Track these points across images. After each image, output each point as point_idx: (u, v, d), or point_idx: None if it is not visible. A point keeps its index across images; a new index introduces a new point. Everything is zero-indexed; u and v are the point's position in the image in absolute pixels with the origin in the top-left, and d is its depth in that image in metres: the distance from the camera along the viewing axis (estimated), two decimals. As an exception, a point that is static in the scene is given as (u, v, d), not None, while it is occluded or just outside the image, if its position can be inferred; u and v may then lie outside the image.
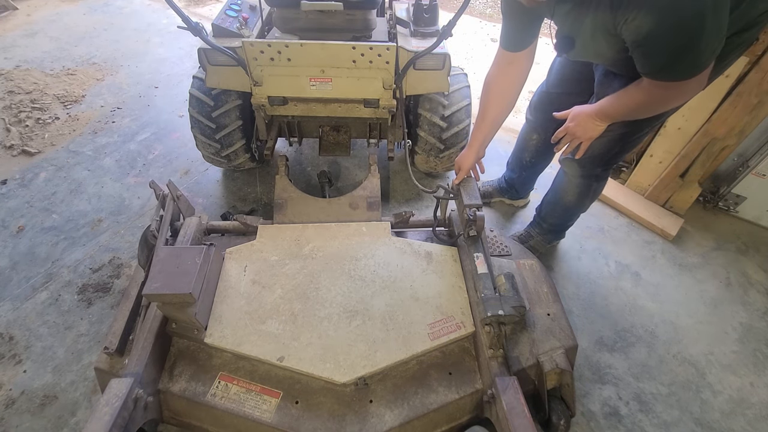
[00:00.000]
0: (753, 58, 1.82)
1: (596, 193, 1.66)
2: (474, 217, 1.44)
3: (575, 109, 1.35)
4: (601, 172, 1.55)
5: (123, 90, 2.91)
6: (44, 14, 3.72)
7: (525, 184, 2.09)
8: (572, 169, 1.56)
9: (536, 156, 1.89)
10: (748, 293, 1.90)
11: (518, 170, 2.00)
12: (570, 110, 1.37)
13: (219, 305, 1.37)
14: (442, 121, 1.87)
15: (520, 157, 1.94)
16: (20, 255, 1.88)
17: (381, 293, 1.43)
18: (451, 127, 1.90)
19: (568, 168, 1.58)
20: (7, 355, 1.56)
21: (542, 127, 1.78)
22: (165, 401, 1.25)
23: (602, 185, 1.63)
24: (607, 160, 1.49)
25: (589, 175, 1.55)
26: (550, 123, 1.71)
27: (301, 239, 1.59)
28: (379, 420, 1.19)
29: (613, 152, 1.45)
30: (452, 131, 1.90)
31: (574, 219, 1.84)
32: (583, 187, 1.61)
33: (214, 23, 1.70)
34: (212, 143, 1.92)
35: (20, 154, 2.37)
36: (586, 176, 1.56)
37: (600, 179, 1.59)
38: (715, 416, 1.51)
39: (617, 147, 1.43)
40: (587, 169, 1.53)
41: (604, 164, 1.51)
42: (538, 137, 1.81)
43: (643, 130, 1.38)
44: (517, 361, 1.30)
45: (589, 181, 1.58)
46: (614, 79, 1.27)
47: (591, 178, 1.56)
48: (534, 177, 2.06)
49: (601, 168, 1.53)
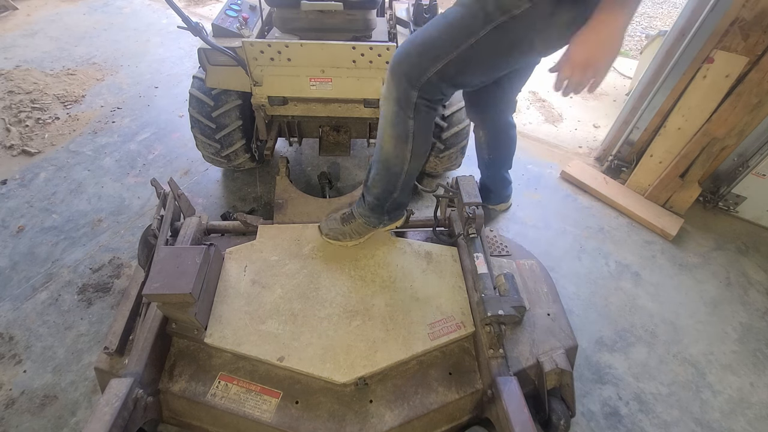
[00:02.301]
0: (753, 58, 1.82)
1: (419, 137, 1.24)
2: (473, 215, 1.44)
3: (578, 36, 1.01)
4: (417, 96, 1.15)
5: (123, 90, 2.91)
6: (44, 14, 3.72)
7: (497, 183, 2.02)
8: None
9: (491, 151, 1.85)
10: (748, 293, 1.90)
11: (484, 170, 1.98)
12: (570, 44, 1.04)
13: (219, 305, 1.37)
14: (442, 121, 1.87)
15: (480, 156, 1.93)
16: (20, 255, 1.88)
17: (381, 293, 1.43)
18: (451, 127, 1.89)
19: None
20: (7, 355, 1.56)
21: (482, 123, 1.77)
22: (165, 401, 1.25)
23: (425, 117, 1.20)
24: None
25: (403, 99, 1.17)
26: (484, 116, 1.72)
27: (301, 239, 1.59)
28: (379, 420, 1.19)
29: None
30: (452, 131, 1.90)
31: (398, 188, 1.39)
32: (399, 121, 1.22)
33: (214, 23, 1.70)
34: (212, 143, 1.92)
35: (20, 154, 2.37)
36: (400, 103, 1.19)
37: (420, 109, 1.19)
38: (715, 416, 1.51)
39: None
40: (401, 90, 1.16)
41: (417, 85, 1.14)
42: (484, 134, 1.80)
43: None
44: (517, 361, 1.30)
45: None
46: None
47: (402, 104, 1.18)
48: (500, 174, 1.99)
49: (416, 91, 1.14)
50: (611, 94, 3.15)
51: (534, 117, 2.86)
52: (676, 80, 1.99)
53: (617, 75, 3.38)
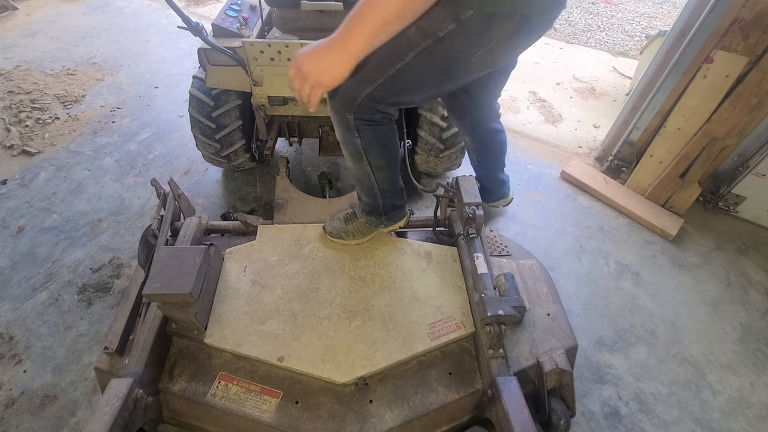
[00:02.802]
0: (753, 58, 1.82)
1: (372, 150, 1.26)
2: (473, 215, 1.44)
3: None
4: (353, 119, 1.17)
5: (123, 90, 2.91)
6: (44, 14, 3.72)
7: (492, 183, 2.01)
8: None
9: (479, 155, 1.86)
10: (748, 293, 1.90)
11: (477, 169, 1.97)
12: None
13: (219, 305, 1.37)
14: (442, 121, 1.87)
15: (471, 158, 1.93)
16: (20, 255, 1.88)
17: (381, 293, 1.43)
18: (451, 126, 1.89)
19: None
20: (7, 355, 1.56)
21: (464, 130, 1.77)
22: (165, 401, 1.25)
23: (370, 134, 1.22)
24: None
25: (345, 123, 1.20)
26: (463, 124, 1.72)
27: (301, 239, 1.59)
28: (379, 420, 1.19)
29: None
30: (452, 131, 1.90)
31: (377, 187, 1.41)
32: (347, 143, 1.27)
33: (214, 23, 1.70)
34: (212, 143, 1.92)
35: (20, 154, 2.37)
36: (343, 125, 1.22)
37: (359, 128, 1.20)
38: (715, 416, 1.51)
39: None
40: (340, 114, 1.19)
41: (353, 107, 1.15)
42: (469, 139, 1.80)
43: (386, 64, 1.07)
44: (517, 361, 1.30)
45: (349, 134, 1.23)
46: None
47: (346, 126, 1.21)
48: (494, 175, 1.99)
49: (352, 114, 1.16)
50: (611, 94, 3.15)
51: (534, 117, 2.86)
52: (676, 80, 1.99)
53: (617, 75, 3.38)
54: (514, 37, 1.03)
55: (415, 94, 1.17)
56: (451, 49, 1.03)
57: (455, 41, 1.00)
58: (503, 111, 2.88)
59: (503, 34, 1.00)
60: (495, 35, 1.00)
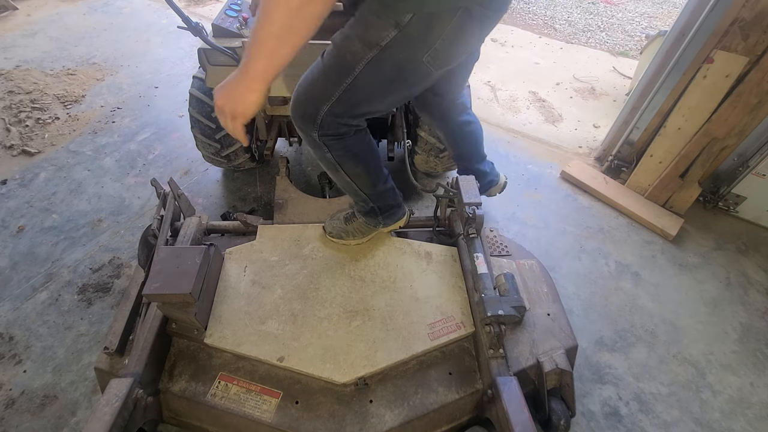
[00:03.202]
0: (753, 58, 1.82)
1: (345, 159, 1.26)
2: (473, 215, 1.44)
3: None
4: (318, 136, 1.18)
5: (123, 90, 2.91)
6: (44, 14, 3.72)
7: (474, 174, 1.90)
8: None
9: (453, 148, 1.84)
10: (748, 293, 1.90)
11: (457, 163, 1.94)
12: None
13: (219, 305, 1.37)
14: (442, 121, 1.87)
15: (449, 153, 1.93)
16: (20, 255, 1.88)
17: (381, 293, 1.43)
18: (451, 127, 1.89)
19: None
20: (7, 355, 1.56)
21: (432, 124, 1.77)
22: (165, 401, 1.25)
23: (339, 146, 1.21)
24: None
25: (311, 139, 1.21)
26: (430, 119, 1.71)
27: (301, 239, 1.59)
28: (379, 420, 1.19)
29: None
30: (452, 131, 1.90)
31: (365, 189, 1.41)
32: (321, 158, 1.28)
33: (214, 23, 1.70)
34: (212, 143, 1.92)
35: (20, 154, 2.37)
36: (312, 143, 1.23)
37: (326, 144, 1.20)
38: (715, 416, 1.51)
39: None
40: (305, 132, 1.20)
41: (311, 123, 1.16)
42: (440, 133, 1.79)
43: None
44: (517, 361, 1.30)
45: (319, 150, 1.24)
46: None
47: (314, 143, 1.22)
48: (473, 167, 1.93)
49: (315, 131, 1.16)
50: (611, 94, 3.15)
51: (534, 117, 2.86)
52: (676, 80, 1.99)
53: (617, 75, 3.38)
54: (463, 31, 1.01)
55: (375, 104, 1.16)
56: (399, 56, 1.02)
57: (400, 47, 1.00)
58: (503, 111, 2.89)
59: (449, 30, 0.99)
60: (440, 34, 0.99)
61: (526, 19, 4.15)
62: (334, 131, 1.17)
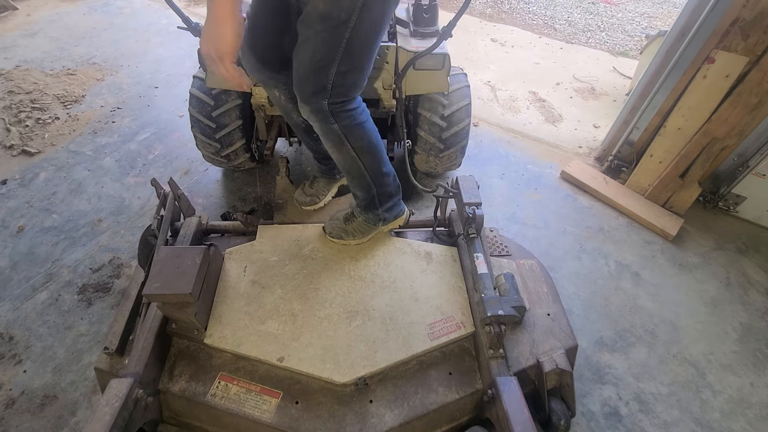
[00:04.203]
0: (753, 58, 1.82)
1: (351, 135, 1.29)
2: (473, 215, 1.44)
3: None
4: (328, 104, 1.21)
5: (123, 90, 2.91)
6: (44, 14, 3.72)
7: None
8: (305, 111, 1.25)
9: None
10: (748, 293, 1.90)
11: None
12: None
13: (219, 305, 1.37)
14: (441, 121, 1.87)
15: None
16: (20, 255, 1.88)
17: (381, 293, 1.43)
18: (451, 126, 1.89)
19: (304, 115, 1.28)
20: (7, 355, 1.56)
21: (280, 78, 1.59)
22: (165, 401, 1.25)
23: (345, 116, 1.25)
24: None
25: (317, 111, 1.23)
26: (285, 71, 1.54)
27: (301, 239, 1.59)
28: (379, 420, 1.19)
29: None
30: (452, 131, 1.90)
31: (368, 177, 1.42)
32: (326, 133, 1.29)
33: (214, 23, 1.70)
34: (212, 143, 1.92)
35: (20, 154, 2.37)
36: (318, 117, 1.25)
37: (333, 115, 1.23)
38: (715, 416, 1.51)
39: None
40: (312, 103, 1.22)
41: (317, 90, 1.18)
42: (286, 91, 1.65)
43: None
44: (517, 361, 1.30)
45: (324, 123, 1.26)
46: None
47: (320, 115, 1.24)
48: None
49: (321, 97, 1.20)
50: (611, 94, 3.15)
51: (534, 117, 2.86)
52: (676, 80, 1.99)
53: (617, 75, 3.38)
54: None
55: (373, 47, 1.22)
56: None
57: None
58: (503, 111, 2.89)
59: None
60: None
61: (526, 19, 4.15)
62: (342, 99, 1.23)
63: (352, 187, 1.49)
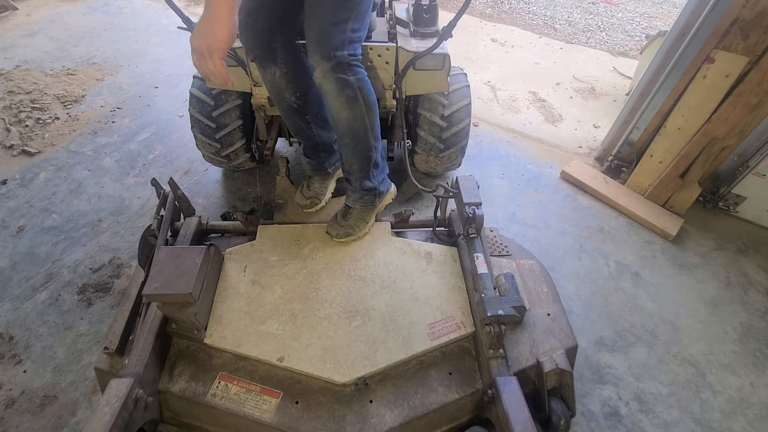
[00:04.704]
0: (753, 58, 1.82)
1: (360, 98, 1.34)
2: (473, 215, 1.44)
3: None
4: (347, 56, 1.27)
5: (123, 90, 2.91)
6: (44, 14, 3.72)
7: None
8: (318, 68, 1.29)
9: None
10: (748, 293, 1.90)
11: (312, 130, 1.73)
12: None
13: (219, 305, 1.37)
14: (441, 121, 1.87)
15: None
16: (20, 255, 1.88)
17: (381, 293, 1.43)
18: (451, 126, 1.89)
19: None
20: (7, 355, 1.56)
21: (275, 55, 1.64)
22: (165, 401, 1.25)
23: (358, 70, 1.33)
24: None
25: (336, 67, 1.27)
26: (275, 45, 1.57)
27: (301, 239, 1.59)
28: (379, 420, 1.19)
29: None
30: (452, 131, 1.90)
31: (371, 154, 1.47)
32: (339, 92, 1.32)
33: (214, 23, 1.70)
34: (212, 143, 1.92)
35: (20, 154, 2.37)
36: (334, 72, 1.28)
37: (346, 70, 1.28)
38: (715, 416, 1.51)
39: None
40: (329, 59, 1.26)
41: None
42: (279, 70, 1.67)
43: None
44: (517, 361, 1.30)
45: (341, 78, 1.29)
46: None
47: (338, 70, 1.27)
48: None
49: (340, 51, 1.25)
50: (611, 94, 3.15)
51: (534, 117, 2.86)
52: (676, 80, 1.99)
53: (617, 75, 3.38)
54: None
55: (369, 11, 1.32)
56: None
57: None
58: (503, 111, 2.89)
59: None
60: None
61: (526, 19, 4.15)
62: (354, 50, 1.31)
63: (351, 155, 1.48)
